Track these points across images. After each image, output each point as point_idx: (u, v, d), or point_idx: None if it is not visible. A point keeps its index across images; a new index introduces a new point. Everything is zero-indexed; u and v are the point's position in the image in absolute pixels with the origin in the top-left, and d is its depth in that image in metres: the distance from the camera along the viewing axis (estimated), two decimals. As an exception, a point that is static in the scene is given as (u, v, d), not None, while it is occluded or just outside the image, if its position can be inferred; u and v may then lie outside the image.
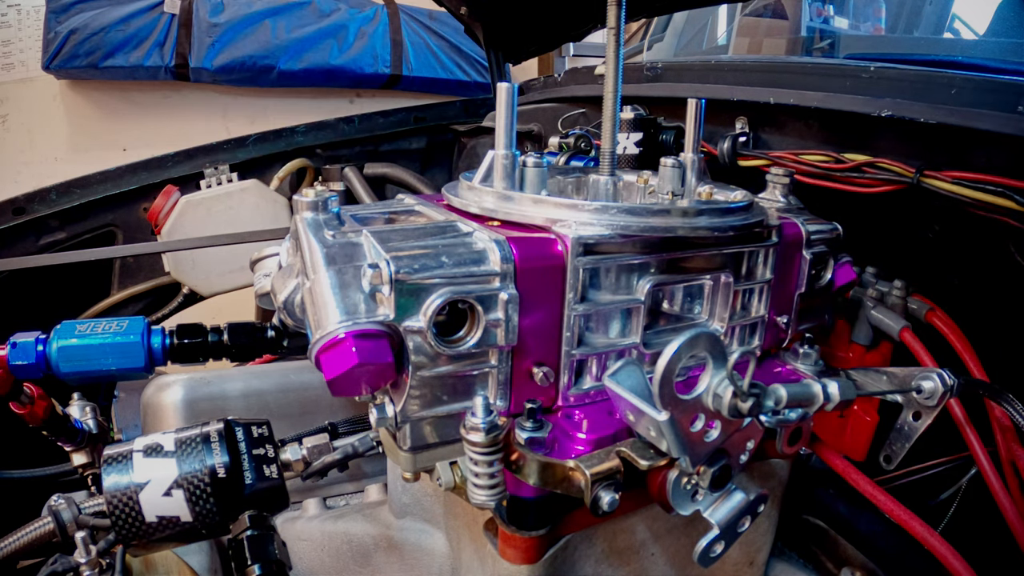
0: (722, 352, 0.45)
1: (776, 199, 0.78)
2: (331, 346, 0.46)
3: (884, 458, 0.74)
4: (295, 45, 2.58)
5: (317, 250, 0.52)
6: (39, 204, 1.58)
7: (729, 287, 0.62)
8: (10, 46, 2.57)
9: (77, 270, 1.56)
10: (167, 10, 2.48)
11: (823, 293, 0.73)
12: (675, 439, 0.46)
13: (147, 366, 0.76)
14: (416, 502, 0.85)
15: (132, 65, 2.47)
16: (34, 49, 2.52)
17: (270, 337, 0.84)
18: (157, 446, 0.62)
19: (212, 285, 1.70)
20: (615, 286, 0.57)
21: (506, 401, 0.55)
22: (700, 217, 0.59)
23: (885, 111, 0.90)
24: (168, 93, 2.69)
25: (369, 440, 0.75)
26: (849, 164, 0.96)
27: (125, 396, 1.33)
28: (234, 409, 1.01)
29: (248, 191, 1.73)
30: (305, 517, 0.95)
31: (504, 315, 0.51)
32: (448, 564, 0.83)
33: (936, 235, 0.95)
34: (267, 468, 0.64)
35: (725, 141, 1.17)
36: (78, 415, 0.93)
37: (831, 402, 0.49)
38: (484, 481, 0.51)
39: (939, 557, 0.66)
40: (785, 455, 0.65)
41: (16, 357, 0.74)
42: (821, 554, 0.89)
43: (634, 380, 0.49)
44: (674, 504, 0.52)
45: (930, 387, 0.67)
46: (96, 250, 1.48)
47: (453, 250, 0.51)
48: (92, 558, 0.59)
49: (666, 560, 0.75)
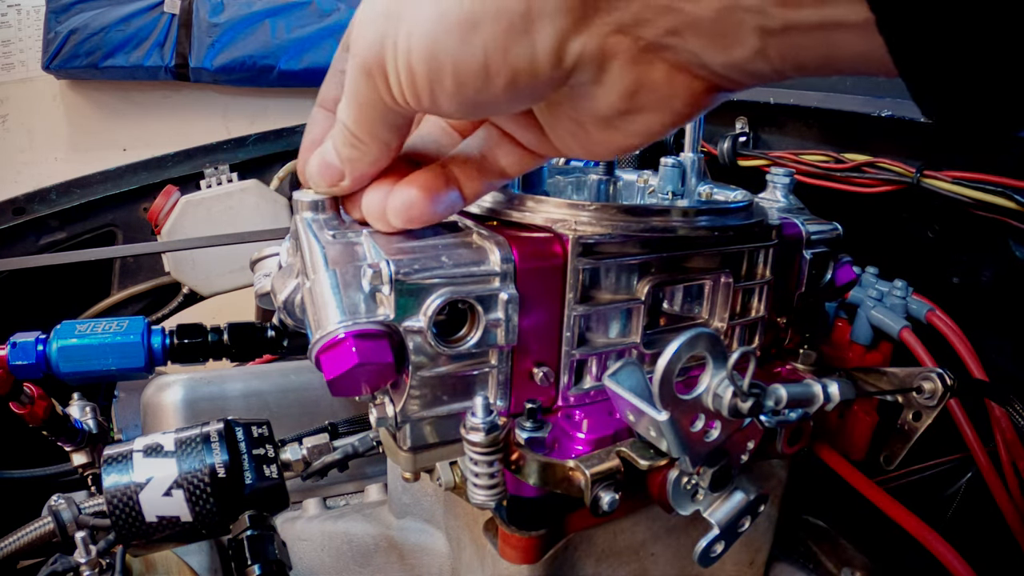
0: (722, 352, 0.45)
1: (776, 199, 0.78)
2: (331, 346, 0.46)
3: (884, 458, 0.74)
4: (295, 45, 2.58)
5: (317, 250, 0.52)
6: (39, 204, 1.58)
7: (729, 287, 0.62)
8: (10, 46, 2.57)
9: (77, 270, 1.56)
10: (167, 10, 2.48)
11: (823, 293, 0.73)
12: (675, 439, 0.46)
13: (147, 366, 0.76)
14: (416, 502, 0.85)
15: (132, 65, 2.47)
16: (34, 49, 2.52)
17: (270, 337, 0.84)
18: (157, 446, 0.62)
19: (212, 285, 1.70)
20: (615, 286, 0.57)
21: (506, 401, 0.55)
22: (700, 217, 0.59)
23: (885, 111, 0.90)
24: (168, 93, 2.69)
25: (369, 440, 0.75)
26: (849, 164, 0.96)
27: (125, 396, 1.34)
28: (234, 409, 1.01)
29: (248, 191, 1.73)
30: (305, 517, 0.95)
31: (504, 315, 0.51)
32: (448, 564, 0.83)
33: (936, 235, 0.95)
34: (267, 468, 0.64)
35: (725, 141, 1.17)
36: (78, 415, 0.93)
37: (831, 402, 0.49)
38: (484, 481, 0.51)
39: (939, 557, 0.66)
40: (785, 455, 0.65)
41: (16, 357, 0.74)
42: (821, 554, 0.89)
43: (634, 380, 0.49)
44: (674, 504, 0.52)
45: (930, 387, 0.67)
46: (96, 250, 1.48)
47: (453, 250, 0.51)
48: (92, 558, 0.59)
49: (666, 560, 0.75)
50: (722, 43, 0.31)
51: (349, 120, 0.42)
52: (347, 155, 0.45)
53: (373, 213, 0.49)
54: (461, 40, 0.33)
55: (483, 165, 0.48)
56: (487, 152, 0.48)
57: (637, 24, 0.32)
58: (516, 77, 0.34)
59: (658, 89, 0.35)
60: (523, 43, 0.32)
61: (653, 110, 0.36)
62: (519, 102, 0.38)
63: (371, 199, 0.49)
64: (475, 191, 0.49)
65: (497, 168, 0.49)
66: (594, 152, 0.42)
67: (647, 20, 0.31)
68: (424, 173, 0.48)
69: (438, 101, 0.36)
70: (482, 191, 0.50)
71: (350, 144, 0.44)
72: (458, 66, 0.34)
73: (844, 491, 0.76)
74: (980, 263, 0.90)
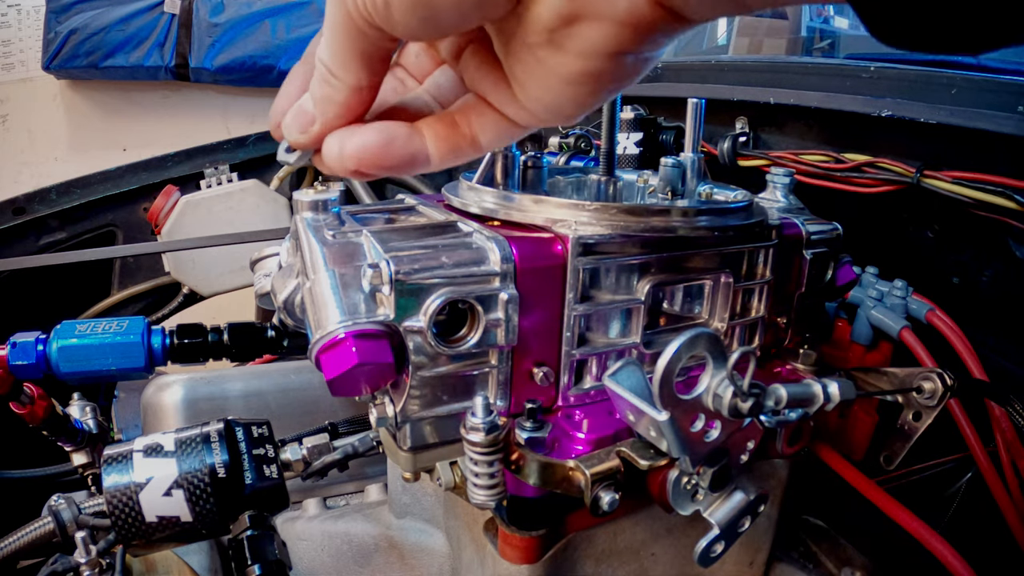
0: (722, 352, 0.45)
1: (776, 199, 0.78)
2: (331, 346, 0.46)
3: (884, 458, 0.74)
4: (295, 45, 2.58)
5: (317, 250, 0.52)
6: (39, 204, 1.58)
7: (729, 287, 0.62)
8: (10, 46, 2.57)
9: (77, 270, 1.56)
10: (167, 10, 2.48)
11: (823, 293, 0.73)
12: (675, 439, 0.46)
13: (147, 366, 0.76)
14: (416, 502, 0.85)
15: (132, 65, 2.47)
16: (34, 49, 2.52)
17: (270, 337, 0.84)
18: (157, 446, 0.62)
19: (212, 285, 1.70)
20: (615, 286, 0.57)
21: (506, 401, 0.55)
22: (700, 217, 0.59)
23: (885, 111, 0.90)
24: (168, 93, 2.69)
25: (369, 440, 0.75)
26: (849, 164, 0.96)
27: (125, 396, 1.34)
28: (234, 409, 1.01)
29: (248, 191, 1.73)
30: (305, 517, 0.95)
31: (504, 315, 0.51)
32: (448, 564, 0.83)
33: (936, 235, 0.95)
34: (267, 468, 0.64)
35: (725, 141, 1.17)
36: (78, 415, 0.93)
37: (831, 402, 0.49)
38: (484, 481, 0.51)
39: (939, 557, 0.66)
40: (785, 455, 0.65)
41: (16, 357, 0.74)
42: (821, 554, 0.89)
43: (634, 380, 0.49)
44: (674, 504, 0.52)
45: (930, 387, 0.67)
46: (96, 250, 1.48)
47: (453, 250, 0.51)
48: (92, 558, 0.59)
49: (666, 560, 0.75)
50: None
51: (324, 52, 0.43)
52: (320, 94, 0.45)
53: (330, 154, 0.48)
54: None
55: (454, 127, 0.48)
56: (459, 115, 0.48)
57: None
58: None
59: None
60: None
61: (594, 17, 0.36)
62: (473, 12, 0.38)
63: (331, 140, 0.48)
64: (442, 153, 0.48)
65: (469, 133, 0.48)
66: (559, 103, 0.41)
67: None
68: (387, 120, 0.47)
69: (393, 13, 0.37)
70: (449, 155, 0.48)
71: (324, 80, 0.44)
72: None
73: (844, 491, 0.76)
74: (980, 263, 0.90)
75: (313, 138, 0.48)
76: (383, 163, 0.47)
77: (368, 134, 0.47)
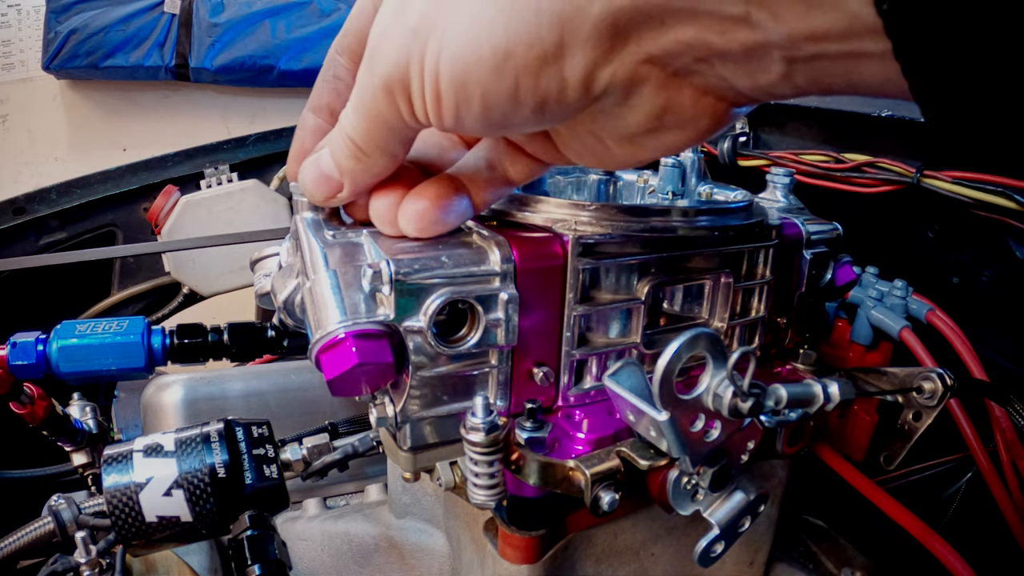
0: (722, 352, 0.45)
1: (776, 199, 0.78)
2: (331, 346, 0.46)
3: (884, 458, 0.74)
4: (295, 45, 2.58)
5: (317, 250, 0.52)
6: (39, 204, 1.58)
7: (729, 287, 0.62)
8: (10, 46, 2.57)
9: (77, 270, 1.56)
10: (167, 10, 2.48)
11: (823, 293, 0.73)
12: (675, 439, 0.46)
13: (147, 366, 0.76)
14: (416, 502, 0.85)
15: (132, 65, 2.47)
16: (34, 49, 2.52)
17: (270, 337, 0.84)
18: (157, 446, 0.62)
19: (212, 285, 1.70)
20: (615, 286, 0.57)
21: (506, 401, 0.55)
22: (700, 217, 0.59)
23: (885, 111, 0.91)
24: (168, 93, 2.70)
25: (369, 440, 0.75)
26: (849, 164, 0.96)
27: (125, 396, 1.34)
28: (234, 409, 1.01)
29: (248, 191, 1.72)
30: (305, 517, 0.96)
31: (504, 315, 0.51)
32: (448, 564, 0.83)
33: (936, 235, 0.95)
34: (267, 468, 0.64)
35: (725, 141, 1.17)
36: (78, 415, 0.93)
37: (831, 402, 0.49)
38: (484, 481, 0.51)
39: (939, 557, 0.66)
40: (785, 455, 0.65)
41: (16, 357, 0.74)
42: (821, 554, 0.89)
43: (634, 380, 0.49)
44: (674, 504, 0.52)
45: (930, 387, 0.67)
46: (96, 250, 1.48)
47: (453, 250, 0.51)
48: (92, 558, 0.59)
49: (666, 560, 0.75)
50: (749, 70, 0.31)
51: (356, 133, 0.42)
52: (349, 167, 0.45)
53: (383, 219, 0.50)
54: (493, 68, 0.33)
55: (492, 174, 0.49)
56: (495, 162, 0.49)
57: (667, 55, 0.32)
58: (544, 103, 0.34)
59: (685, 110, 0.35)
60: (553, 71, 0.33)
61: (678, 129, 0.37)
62: (543, 124, 0.38)
63: (380, 205, 0.49)
64: (484, 200, 0.50)
65: (505, 176, 0.50)
66: (608, 164, 0.43)
67: (677, 52, 0.32)
68: (435, 183, 0.48)
69: (463, 122, 0.37)
70: (491, 199, 0.51)
71: (353, 156, 0.44)
72: (487, 92, 0.34)
73: (844, 491, 0.76)
74: (980, 263, 0.90)
75: (340, 202, 0.50)
76: (441, 227, 0.49)
77: (422, 204, 0.48)
